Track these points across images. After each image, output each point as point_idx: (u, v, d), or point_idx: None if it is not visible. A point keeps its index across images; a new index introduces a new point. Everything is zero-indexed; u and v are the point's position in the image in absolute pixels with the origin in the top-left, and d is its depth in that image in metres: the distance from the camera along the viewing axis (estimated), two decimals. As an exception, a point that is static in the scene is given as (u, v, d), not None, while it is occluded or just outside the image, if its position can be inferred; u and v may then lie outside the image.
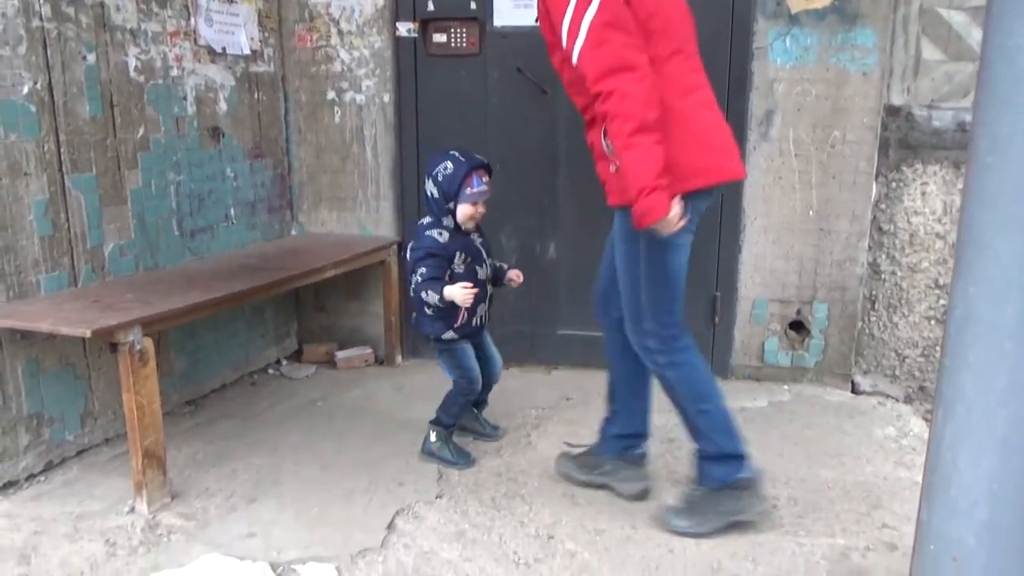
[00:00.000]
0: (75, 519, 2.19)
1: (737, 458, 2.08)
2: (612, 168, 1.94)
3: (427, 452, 2.56)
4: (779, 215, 3.10)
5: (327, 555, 2.01)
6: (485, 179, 2.42)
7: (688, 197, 1.89)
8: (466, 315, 2.44)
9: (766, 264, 3.15)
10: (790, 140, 3.04)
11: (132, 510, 2.23)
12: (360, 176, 3.45)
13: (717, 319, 3.23)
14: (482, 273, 2.49)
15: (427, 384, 3.06)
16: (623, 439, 2.32)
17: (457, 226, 2.43)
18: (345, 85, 3.37)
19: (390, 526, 2.16)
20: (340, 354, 3.50)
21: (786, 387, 3.17)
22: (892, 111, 3.03)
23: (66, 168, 2.44)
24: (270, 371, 3.45)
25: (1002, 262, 0.84)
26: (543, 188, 3.27)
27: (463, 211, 2.40)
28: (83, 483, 2.41)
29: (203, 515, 2.22)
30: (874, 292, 3.19)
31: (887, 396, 3.12)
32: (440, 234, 2.41)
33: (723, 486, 2.08)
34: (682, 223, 1.86)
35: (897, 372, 3.24)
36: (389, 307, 3.42)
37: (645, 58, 1.79)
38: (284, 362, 3.54)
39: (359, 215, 3.48)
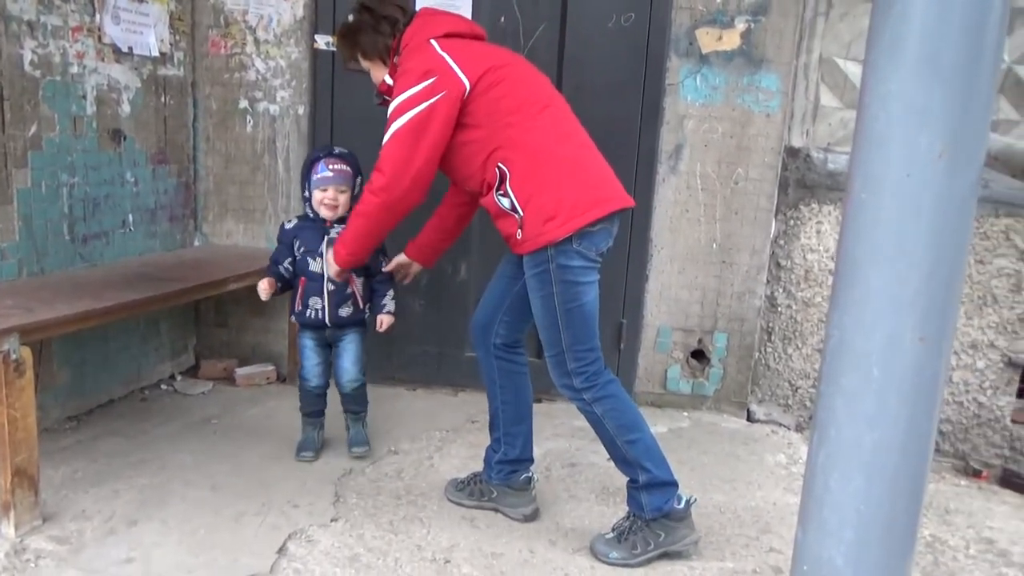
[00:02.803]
0: (-70, 541, 2.02)
1: (670, 485, 2.10)
2: (517, 218, 2.03)
3: None
4: (684, 246, 3.20)
5: (211, 580, 1.92)
6: (332, 165, 2.54)
7: (587, 232, 2.00)
8: (300, 305, 2.60)
9: (671, 293, 3.25)
10: (697, 174, 3.15)
11: (-3, 532, 2.07)
12: (270, 188, 3.37)
13: (623, 345, 3.30)
14: (315, 265, 2.56)
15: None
16: (506, 464, 2.33)
17: (316, 216, 2.56)
18: (259, 95, 3.30)
19: (281, 550, 2.08)
20: (240, 371, 3.37)
21: (686, 414, 3.26)
22: (792, 152, 3.19)
23: (-56, 162, 2.28)
24: (163, 387, 3.29)
25: (872, 292, 0.89)
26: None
27: (315, 197, 2.55)
28: (-57, 502, 2.22)
29: (78, 538, 2.08)
30: (771, 324, 3.32)
31: (780, 424, 3.25)
32: (289, 221, 2.64)
33: (658, 515, 2.08)
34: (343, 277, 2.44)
35: (790, 402, 3.38)
36: (294, 324, 3.33)
37: (411, 180, 2.04)
38: (179, 378, 3.38)
39: (267, 228, 3.39)
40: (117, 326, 2.96)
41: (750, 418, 3.29)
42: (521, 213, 2.01)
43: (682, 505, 2.10)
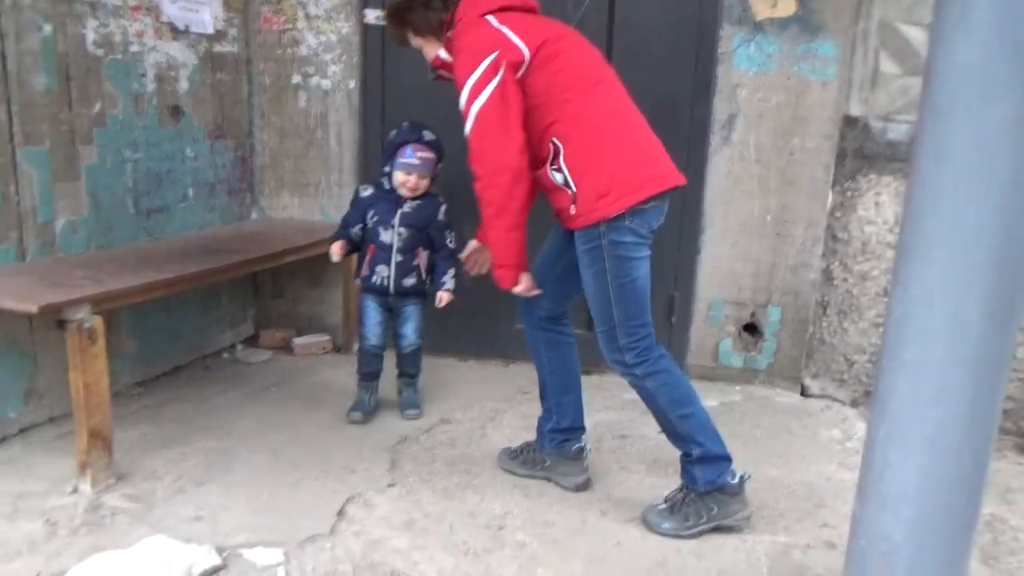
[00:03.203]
0: (15, 498, 2.14)
1: (723, 459, 2.10)
2: (570, 193, 2.04)
3: None
4: (737, 218, 3.15)
5: (275, 540, 2.00)
6: (419, 153, 2.61)
7: (639, 210, 2.00)
8: (367, 270, 2.72)
9: (723, 266, 3.21)
10: (751, 145, 3.09)
11: (75, 490, 2.18)
12: (323, 162, 3.42)
13: (674, 319, 3.28)
14: (385, 236, 2.68)
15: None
16: (558, 434, 2.36)
17: (392, 189, 2.66)
18: (311, 70, 3.34)
19: (340, 513, 2.15)
20: (297, 340, 3.47)
21: (737, 388, 3.23)
22: (850, 122, 3.10)
23: (17, 140, 2.37)
24: (224, 356, 3.40)
25: (937, 266, 0.88)
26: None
27: (396, 176, 2.65)
28: (24, 462, 2.35)
29: (149, 497, 2.19)
30: (826, 298, 3.26)
31: (834, 400, 3.21)
32: (365, 189, 2.76)
33: (711, 488, 2.09)
34: (533, 292, 2.16)
35: (845, 376, 3.32)
36: (348, 295, 3.40)
37: (516, 152, 1.99)
38: (239, 347, 3.49)
39: (321, 201, 3.45)
40: (180, 297, 3.06)
41: (804, 393, 3.25)
42: (574, 188, 2.01)
43: (736, 480, 2.11)
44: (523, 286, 2.14)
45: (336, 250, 2.69)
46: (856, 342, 3.28)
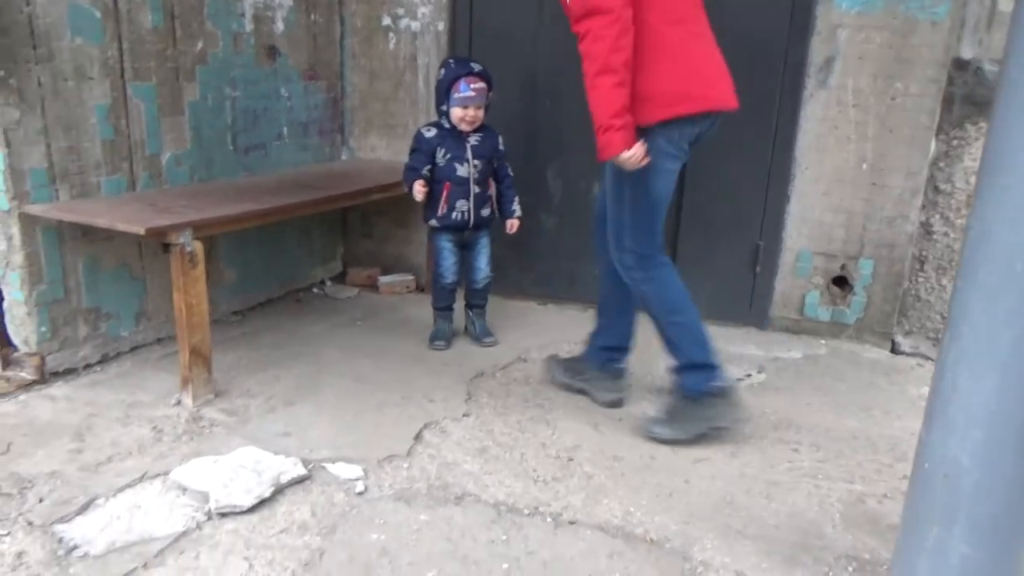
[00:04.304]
0: (127, 406, 2.34)
1: (708, 367, 2.21)
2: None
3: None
4: (831, 166, 3.03)
5: (356, 457, 2.11)
6: (473, 85, 2.67)
7: (672, 124, 2.03)
8: (446, 208, 2.78)
9: (814, 216, 3.10)
10: (849, 89, 2.95)
11: (178, 403, 2.36)
12: (411, 104, 3.48)
13: (759, 268, 3.21)
14: (462, 170, 2.75)
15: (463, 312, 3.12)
16: (607, 351, 2.48)
17: (453, 127, 2.73)
18: (401, 11, 3.38)
19: (417, 437, 2.25)
20: (383, 279, 3.58)
21: (823, 341, 3.15)
22: (960, 65, 2.91)
23: (127, 76, 2.52)
24: (315, 290, 3.56)
25: (1020, 180, 0.84)
26: (592, 127, 3.25)
27: (454, 113, 2.71)
28: (135, 376, 2.55)
29: (243, 412, 2.35)
30: (924, 252, 3.11)
31: (927, 358, 3.08)
32: (428, 130, 2.79)
33: (698, 394, 2.22)
34: (644, 161, 2.02)
35: (941, 336, 3.18)
36: (428, 228, 3.47)
37: (624, 4, 1.91)
38: (328, 283, 3.64)
39: (408, 143, 3.50)
40: (274, 232, 3.21)
41: (894, 350, 3.13)
42: None
43: (725, 384, 2.21)
44: (636, 150, 2.00)
45: (420, 188, 2.75)
46: (954, 299, 3.12)
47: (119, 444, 2.13)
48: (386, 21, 3.40)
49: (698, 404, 2.23)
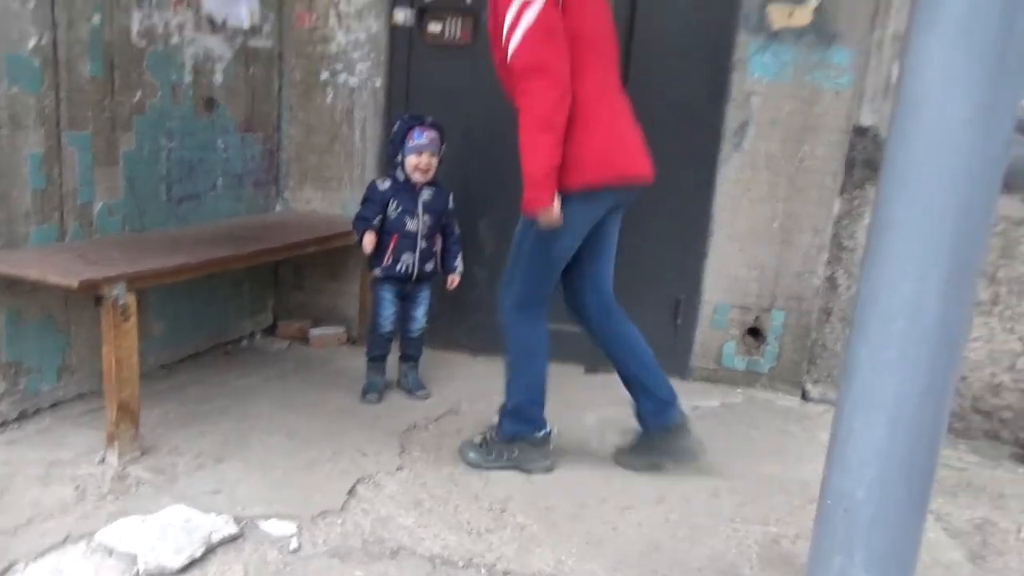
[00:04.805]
0: (47, 465, 2.27)
1: (533, 422, 2.42)
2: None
3: None
4: (745, 224, 3.23)
5: (289, 514, 2.11)
6: (427, 133, 2.77)
7: (593, 192, 2.16)
8: (391, 259, 2.85)
9: (730, 271, 3.29)
10: (761, 153, 3.17)
11: (103, 460, 2.31)
12: (347, 157, 3.54)
13: (679, 321, 3.36)
14: (411, 224, 2.83)
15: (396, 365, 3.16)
16: (656, 416, 2.48)
17: (406, 179, 2.81)
18: (339, 67, 3.46)
19: (351, 492, 2.26)
20: (314, 331, 3.58)
21: (739, 390, 3.31)
22: (860, 131, 3.17)
23: (63, 124, 2.51)
24: (244, 343, 3.53)
25: (901, 248, 0.97)
26: (522, 181, 3.37)
27: (409, 162, 2.78)
28: (56, 433, 2.48)
29: (171, 470, 2.31)
30: (830, 304, 3.33)
31: (835, 405, 3.26)
32: (383, 182, 2.86)
33: (511, 437, 2.42)
34: (559, 221, 2.14)
35: (847, 383, 3.38)
36: (365, 288, 3.51)
37: (566, 67, 2.03)
38: (258, 335, 3.62)
39: (343, 196, 3.57)
40: (204, 285, 3.19)
41: (805, 397, 3.32)
42: None
43: (541, 434, 2.42)
44: (554, 208, 2.11)
45: (370, 240, 2.81)
46: (859, 349, 3.34)
47: (40, 504, 2.07)
48: (324, 76, 3.48)
49: (512, 444, 2.42)
